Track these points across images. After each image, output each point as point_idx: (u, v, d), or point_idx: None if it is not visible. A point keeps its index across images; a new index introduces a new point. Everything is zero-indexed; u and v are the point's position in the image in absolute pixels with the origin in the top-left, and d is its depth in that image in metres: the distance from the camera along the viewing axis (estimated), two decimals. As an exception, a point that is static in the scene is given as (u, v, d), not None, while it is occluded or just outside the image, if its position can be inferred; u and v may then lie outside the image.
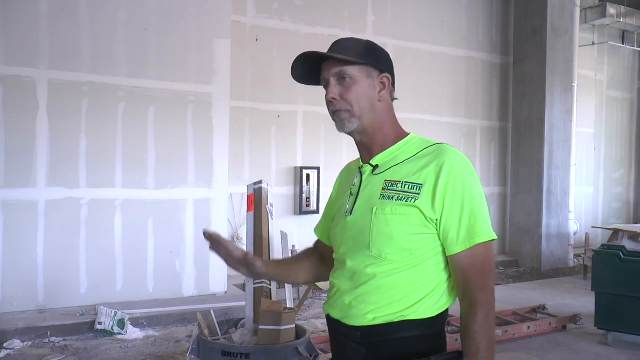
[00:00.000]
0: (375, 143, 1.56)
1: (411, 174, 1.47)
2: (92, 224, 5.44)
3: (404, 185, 1.47)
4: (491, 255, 1.48)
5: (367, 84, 1.53)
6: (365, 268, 1.48)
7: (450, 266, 1.48)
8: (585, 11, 9.71)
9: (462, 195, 1.43)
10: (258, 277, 1.75)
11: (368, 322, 1.47)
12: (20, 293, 5.15)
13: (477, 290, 1.43)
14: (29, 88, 5.18)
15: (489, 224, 1.46)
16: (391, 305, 1.45)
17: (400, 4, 8.14)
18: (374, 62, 1.54)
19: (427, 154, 1.49)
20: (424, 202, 1.43)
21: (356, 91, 1.51)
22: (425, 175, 1.45)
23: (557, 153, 8.67)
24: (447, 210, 1.43)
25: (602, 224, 10.37)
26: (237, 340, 3.00)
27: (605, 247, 4.97)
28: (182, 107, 5.85)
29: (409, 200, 1.44)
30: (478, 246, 1.44)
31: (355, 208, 1.54)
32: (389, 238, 1.45)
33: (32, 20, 5.19)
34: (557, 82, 8.64)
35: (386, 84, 1.55)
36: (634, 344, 4.81)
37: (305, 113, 7.38)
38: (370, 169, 1.56)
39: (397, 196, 1.46)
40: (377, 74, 1.55)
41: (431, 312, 1.46)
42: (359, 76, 1.52)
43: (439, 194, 1.43)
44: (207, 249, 1.69)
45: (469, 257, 1.44)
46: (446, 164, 1.44)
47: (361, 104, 1.52)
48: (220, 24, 6.02)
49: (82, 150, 5.41)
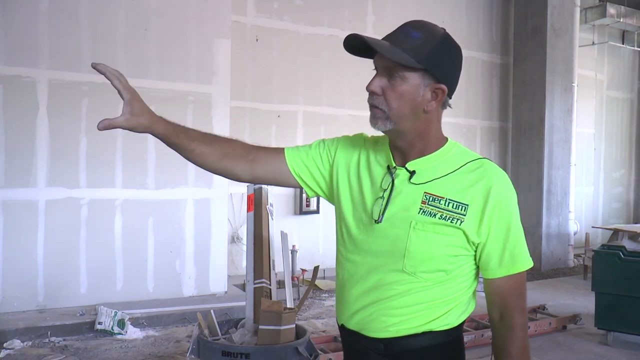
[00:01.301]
0: (413, 148, 1.43)
1: (456, 192, 1.37)
2: (92, 224, 5.44)
3: (447, 203, 1.37)
4: (525, 280, 1.47)
5: (416, 91, 1.35)
6: (394, 282, 1.40)
7: (487, 288, 1.45)
8: (585, 11, 9.70)
9: (508, 221, 1.39)
10: (136, 127, 1.45)
11: (392, 335, 1.42)
12: (20, 293, 5.15)
13: (516, 313, 1.42)
14: (29, 88, 5.18)
15: (527, 251, 1.46)
16: (417, 318, 1.41)
17: (400, 4, 8.14)
18: (435, 70, 1.35)
19: (472, 170, 1.40)
20: (470, 225, 1.36)
21: (400, 95, 1.35)
22: (472, 196, 1.37)
23: (557, 153, 8.67)
24: (493, 235, 1.38)
25: (602, 224, 10.37)
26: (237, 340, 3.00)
27: (605, 247, 4.97)
28: (182, 107, 5.85)
29: (454, 222, 1.36)
30: (519, 274, 1.43)
31: (385, 216, 1.40)
32: (428, 257, 1.37)
33: (32, 20, 5.18)
34: (557, 82, 8.64)
35: (439, 96, 1.38)
36: (634, 344, 4.81)
37: (305, 113, 7.38)
38: (406, 174, 1.42)
39: (440, 214, 1.36)
40: (433, 82, 1.36)
41: (456, 322, 1.45)
42: (410, 79, 1.35)
43: (486, 219, 1.37)
44: (207, 249, 1.67)
45: (510, 282, 1.42)
46: (495, 187, 1.37)
47: (402, 109, 1.36)
48: (220, 24, 6.02)
49: (82, 150, 5.41)
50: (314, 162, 1.56)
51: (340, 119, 7.50)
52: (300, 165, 1.56)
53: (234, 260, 6.90)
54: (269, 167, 1.55)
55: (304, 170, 1.56)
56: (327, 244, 7.53)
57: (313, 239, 7.43)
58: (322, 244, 7.48)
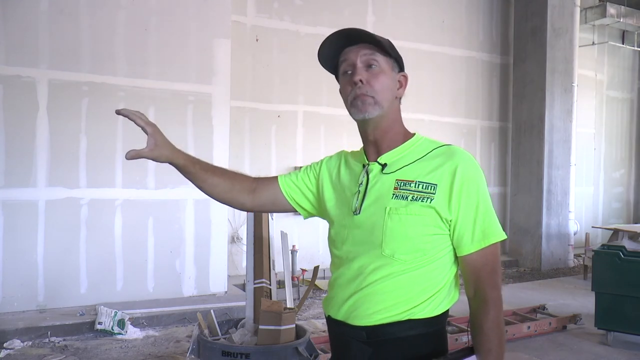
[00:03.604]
0: (385, 141, 1.55)
1: (424, 174, 1.46)
2: (92, 224, 5.44)
3: (417, 185, 1.46)
4: (499, 254, 1.51)
5: (390, 77, 1.53)
6: (374, 268, 1.47)
7: (462, 265, 1.50)
8: (585, 11, 9.71)
9: (476, 197, 1.45)
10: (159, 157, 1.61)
11: (374, 322, 1.46)
12: (20, 293, 5.15)
13: (489, 288, 1.46)
14: (29, 88, 5.18)
15: (499, 224, 1.49)
16: (398, 304, 1.45)
17: (400, 4, 8.14)
18: (399, 59, 1.56)
19: (439, 155, 1.49)
20: (440, 202, 1.44)
21: (382, 81, 1.50)
22: (440, 176, 1.45)
23: (557, 153, 8.67)
24: (463, 211, 1.44)
25: (602, 224, 10.37)
26: (237, 340, 3.00)
27: (605, 247, 4.97)
28: (182, 107, 5.85)
29: (425, 201, 1.44)
30: (490, 246, 1.47)
31: (363, 207, 1.51)
32: (404, 238, 1.44)
33: (32, 20, 5.19)
34: (557, 82, 8.64)
35: (403, 83, 1.56)
36: (634, 344, 4.81)
37: (305, 113, 7.38)
38: (378, 167, 1.54)
39: (411, 196, 1.45)
40: (398, 71, 1.56)
41: (437, 310, 1.47)
42: (386, 67, 1.52)
43: (455, 195, 1.43)
44: (207, 249, 1.69)
45: (482, 257, 1.46)
46: (461, 165, 1.45)
47: (385, 94, 1.51)
48: (220, 24, 6.02)
49: (82, 150, 5.41)
50: (303, 182, 1.72)
51: (340, 119, 7.50)
52: (292, 187, 1.71)
53: (234, 260, 6.90)
54: (267, 194, 1.72)
55: (295, 191, 1.71)
56: (327, 244, 7.52)
57: (313, 239, 7.43)
58: (322, 244, 7.48)
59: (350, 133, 7.51)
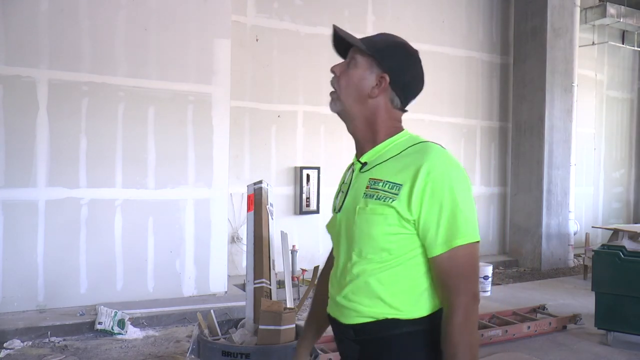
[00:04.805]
0: (365, 138, 1.56)
1: (393, 174, 1.45)
2: (92, 224, 5.45)
3: (384, 185, 1.45)
4: (474, 258, 1.43)
5: (363, 75, 1.52)
6: (351, 267, 1.49)
7: (431, 268, 1.45)
8: (585, 11, 9.71)
9: (440, 196, 1.39)
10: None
11: (357, 321, 1.47)
12: (20, 293, 5.15)
13: (454, 293, 1.40)
14: (29, 88, 5.18)
15: (471, 226, 1.41)
16: (376, 304, 1.45)
17: (400, 4, 8.14)
18: (381, 58, 1.53)
19: (411, 153, 1.47)
20: (401, 203, 1.41)
21: (350, 76, 1.53)
22: (405, 176, 1.42)
23: (557, 153, 8.67)
24: (425, 211, 1.40)
25: (602, 224, 10.37)
26: (237, 340, 3.00)
27: (605, 247, 4.97)
28: (182, 107, 5.85)
29: (387, 200, 1.43)
30: (458, 249, 1.39)
31: (344, 205, 1.55)
32: (369, 237, 1.45)
33: (32, 20, 5.19)
34: (557, 82, 8.63)
35: (382, 83, 1.52)
36: (634, 344, 4.81)
37: (305, 113, 7.38)
38: (359, 166, 1.56)
39: (376, 195, 1.45)
40: (379, 71, 1.53)
41: (422, 311, 1.45)
42: (361, 65, 1.53)
43: (415, 195, 1.40)
44: (207, 249, 1.69)
45: (448, 260, 1.40)
46: (425, 165, 1.41)
47: (348, 90, 1.53)
48: (220, 24, 6.02)
49: (82, 150, 5.41)
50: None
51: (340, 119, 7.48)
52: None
53: (234, 260, 6.90)
54: None
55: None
56: (327, 244, 7.53)
57: (313, 239, 7.43)
58: (322, 244, 7.48)
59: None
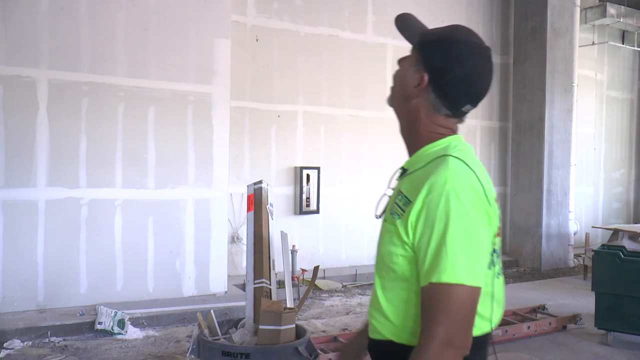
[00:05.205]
0: (408, 142, 1.45)
1: (411, 188, 1.32)
2: (92, 224, 5.44)
3: (401, 199, 1.33)
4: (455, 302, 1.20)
5: (407, 71, 1.41)
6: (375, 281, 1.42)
7: None
8: (585, 11, 9.70)
9: (432, 222, 1.24)
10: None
11: (372, 335, 1.42)
12: (20, 293, 5.15)
13: (424, 334, 1.22)
14: (29, 88, 5.18)
15: (458, 264, 1.20)
16: (383, 323, 1.37)
17: (400, 4, 8.11)
18: (423, 54, 1.38)
19: (431, 166, 1.32)
20: (402, 222, 1.29)
21: (398, 72, 1.44)
22: (415, 193, 1.29)
23: (557, 153, 8.67)
24: (418, 236, 1.26)
25: (602, 224, 10.37)
26: (237, 340, 3.00)
27: (605, 247, 4.97)
28: (182, 107, 5.85)
29: (394, 217, 1.32)
30: (435, 286, 1.21)
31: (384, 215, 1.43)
32: (379, 254, 1.37)
33: (32, 20, 5.19)
34: (557, 82, 8.64)
35: (421, 83, 1.37)
36: (634, 344, 4.81)
37: (305, 113, 7.38)
38: (401, 172, 1.44)
39: (393, 209, 1.35)
40: (422, 68, 1.37)
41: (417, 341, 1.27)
42: (410, 59, 1.42)
43: (412, 216, 1.27)
44: (207, 249, 1.67)
45: (426, 296, 1.24)
46: (427, 183, 1.26)
47: (395, 86, 1.44)
48: (220, 24, 6.02)
49: (82, 150, 5.41)
50: None
51: (340, 119, 7.50)
52: None
53: (234, 260, 6.90)
54: None
55: None
56: (327, 244, 7.53)
57: (313, 239, 7.43)
58: (322, 244, 7.48)
59: (351, 133, 7.52)
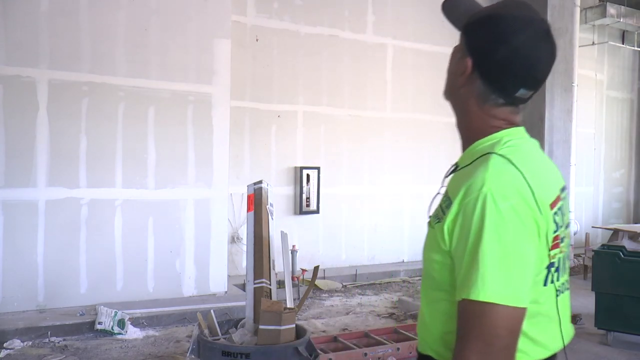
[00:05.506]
0: (462, 136, 1.30)
1: (452, 188, 1.17)
2: (92, 224, 5.44)
3: (445, 200, 1.18)
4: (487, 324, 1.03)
5: (454, 59, 1.27)
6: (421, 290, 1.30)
7: None
8: (585, 11, 9.70)
9: (468, 227, 1.08)
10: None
11: (418, 348, 1.31)
12: (20, 293, 5.15)
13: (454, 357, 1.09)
14: (29, 88, 5.18)
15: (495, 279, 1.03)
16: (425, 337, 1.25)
17: (400, 4, 8.14)
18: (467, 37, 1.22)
19: (475, 165, 1.16)
20: (440, 226, 1.14)
21: (449, 61, 1.29)
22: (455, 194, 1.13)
23: (557, 153, 8.66)
24: (455, 242, 1.11)
25: (602, 224, 10.36)
26: (237, 340, 3.00)
27: (605, 247, 4.97)
28: (182, 107, 5.85)
29: (434, 220, 1.19)
30: (467, 303, 1.05)
31: None
32: (423, 259, 1.22)
33: (32, 20, 5.18)
34: (557, 82, 8.63)
35: (466, 70, 1.20)
36: (634, 344, 4.81)
37: (305, 113, 7.38)
38: (452, 168, 1.30)
39: (436, 211, 1.20)
40: (465, 54, 1.21)
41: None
42: (458, 46, 1.27)
43: (449, 220, 1.11)
44: (207, 249, 1.66)
45: (460, 311, 1.08)
46: (467, 183, 1.11)
47: (447, 77, 1.31)
48: (220, 24, 6.02)
49: (82, 150, 5.41)
50: None
51: (340, 119, 7.49)
52: None
53: (234, 260, 6.90)
54: None
55: None
56: (327, 244, 7.53)
57: (313, 239, 7.43)
58: (322, 244, 7.48)
59: (351, 133, 7.51)
